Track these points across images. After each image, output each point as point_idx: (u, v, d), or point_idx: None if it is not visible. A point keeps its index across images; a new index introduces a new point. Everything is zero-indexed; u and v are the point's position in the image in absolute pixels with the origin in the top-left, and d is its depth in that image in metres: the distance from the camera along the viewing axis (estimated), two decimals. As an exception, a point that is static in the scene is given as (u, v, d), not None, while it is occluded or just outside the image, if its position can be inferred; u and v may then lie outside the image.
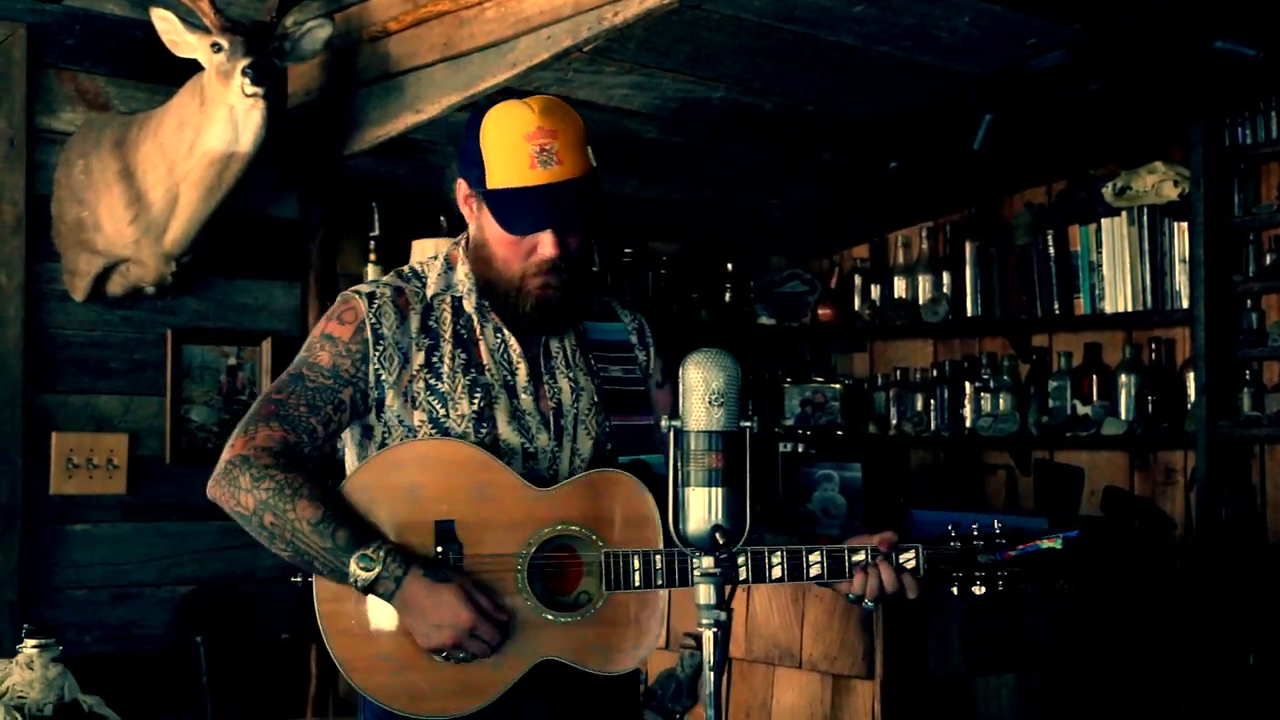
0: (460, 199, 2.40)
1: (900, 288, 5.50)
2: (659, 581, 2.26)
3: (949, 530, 2.35)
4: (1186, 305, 4.62)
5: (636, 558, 2.26)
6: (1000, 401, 5.11)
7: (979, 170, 4.90)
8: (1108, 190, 4.83)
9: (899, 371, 5.55)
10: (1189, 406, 4.67)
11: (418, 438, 2.33)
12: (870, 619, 3.26)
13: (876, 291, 5.57)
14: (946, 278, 5.36)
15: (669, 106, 4.01)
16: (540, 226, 2.29)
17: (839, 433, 5.51)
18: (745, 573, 2.27)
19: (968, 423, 5.25)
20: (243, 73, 3.64)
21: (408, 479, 2.28)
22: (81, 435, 4.17)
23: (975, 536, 2.34)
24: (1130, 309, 4.80)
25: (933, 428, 5.36)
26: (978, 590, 2.31)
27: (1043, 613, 3.57)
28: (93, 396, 4.21)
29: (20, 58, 4.04)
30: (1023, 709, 3.51)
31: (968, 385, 5.28)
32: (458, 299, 2.41)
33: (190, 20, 3.73)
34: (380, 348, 2.34)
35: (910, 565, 2.30)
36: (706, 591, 1.90)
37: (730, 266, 5.57)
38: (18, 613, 4.01)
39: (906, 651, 3.30)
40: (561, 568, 2.30)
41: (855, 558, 2.28)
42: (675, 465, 1.95)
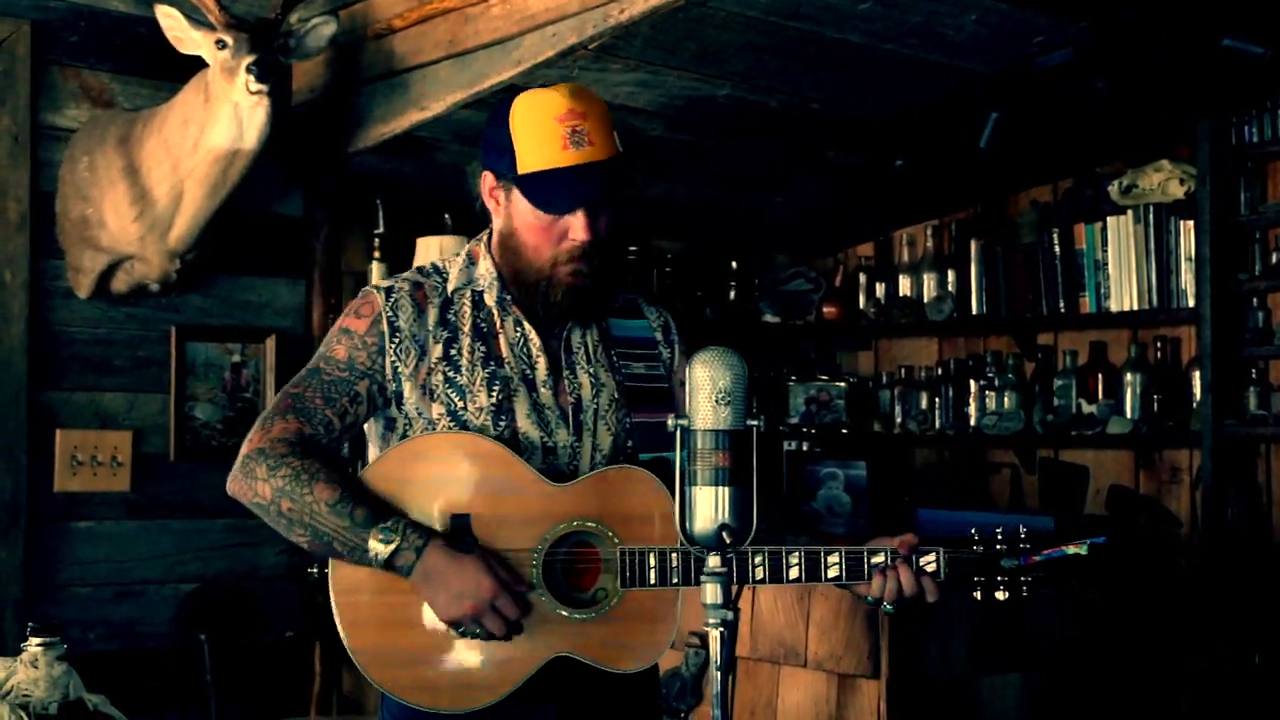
0: (486, 192, 2.40)
1: (905, 286, 5.49)
2: (675, 580, 2.25)
3: (971, 533, 2.31)
4: (1192, 304, 4.61)
5: (652, 555, 2.25)
6: (1005, 400, 5.10)
7: (984, 168, 4.89)
8: (1113, 188, 4.82)
9: (904, 370, 5.54)
10: (1194, 405, 4.65)
11: (437, 430, 2.32)
12: (876, 618, 3.25)
13: (881, 290, 5.56)
14: (951, 276, 5.34)
15: (674, 104, 4.00)
16: (576, 204, 2.29)
17: (844, 431, 5.51)
18: (762, 572, 2.25)
19: (972, 421, 5.23)
20: (247, 70, 3.64)
21: (424, 471, 2.28)
22: (85, 432, 4.17)
23: (999, 540, 2.30)
24: (1136, 307, 4.78)
25: (937, 426, 5.35)
26: (1000, 595, 2.28)
27: (1048, 612, 3.56)
28: (97, 394, 4.21)
29: (25, 54, 4.04)
30: (1028, 709, 3.50)
31: (973, 384, 5.27)
32: (479, 293, 2.41)
33: (195, 17, 3.73)
34: (396, 340, 2.34)
35: (931, 568, 2.27)
36: (713, 591, 1.89)
37: (735, 264, 5.56)
38: (22, 610, 4.01)
39: (912, 651, 3.30)
40: (578, 564, 2.29)
41: (874, 560, 2.26)
42: (682, 464, 1.94)
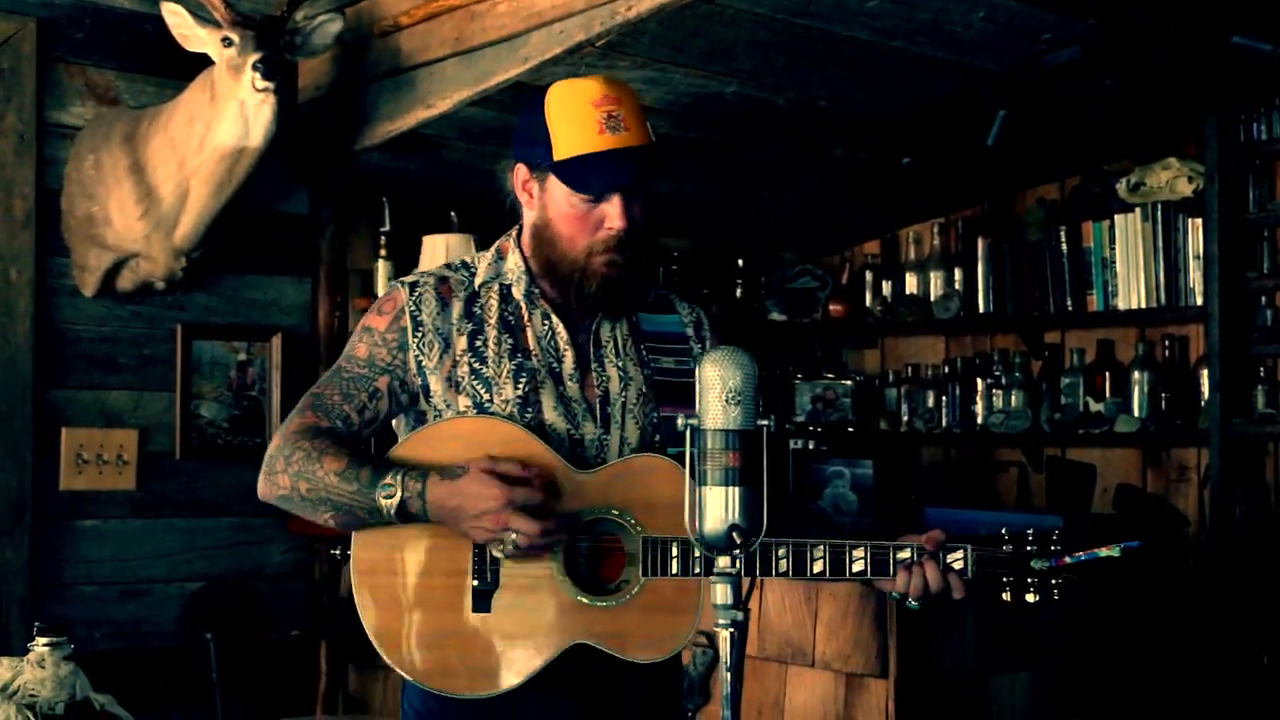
0: (518, 185, 2.39)
1: (912, 284, 5.47)
2: (697, 570, 2.22)
3: (1001, 531, 2.26)
4: (1200, 302, 4.59)
5: (675, 545, 2.23)
6: (1012, 398, 5.09)
7: (992, 166, 4.87)
8: (1121, 186, 4.80)
9: (910, 368, 5.52)
10: (1202, 404, 4.64)
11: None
12: (884, 617, 3.24)
13: (888, 288, 5.55)
14: (958, 274, 5.33)
15: (681, 101, 3.99)
16: (613, 186, 2.29)
17: (850, 429, 5.49)
18: (786, 565, 2.22)
19: (979, 419, 5.22)
20: (253, 67, 3.64)
21: (449, 454, 2.27)
22: (91, 431, 4.17)
23: (1030, 540, 2.25)
24: (1144, 305, 4.77)
25: (944, 424, 5.33)
26: (1030, 598, 2.22)
27: (1058, 610, 3.54)
28: (102, 392, 4.21)
29: (30, 52, 4.03)
30: (1037, 708, 3.49)
31: (979, 382, 5.25)
32: (506, 286, 2.40)
33: (201, 14, 3.72)
34: (419, 334, 2.34)
35: (958, 566, 2.24)
36: (723, 591, 1.87)
37: (741, 262, 5.55)
38: (27, 608, 4.01)
39: (920, 650, 3.28)
40: (601, 552, 2.28)
41: (900, 555, 2.23)
42: (692, 464, 1.93)
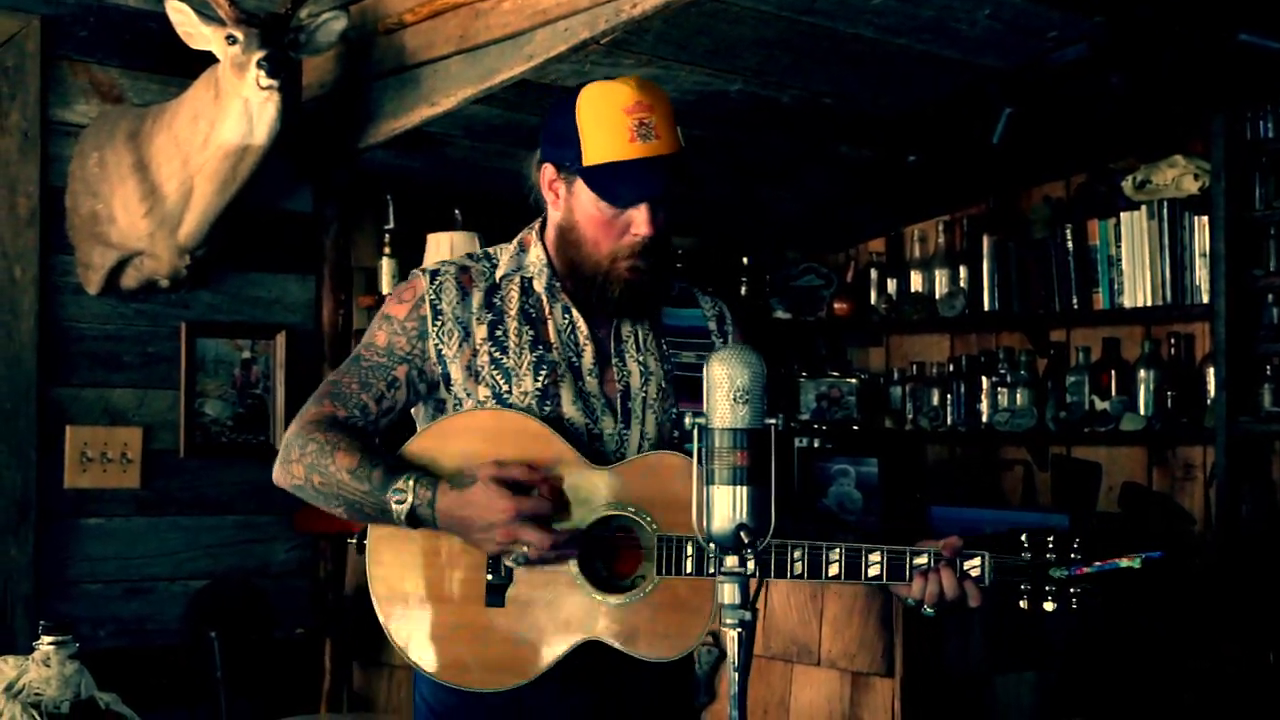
0: (545, 184, 2.38)
1: (917, 282, 5.46)
2: (712, 570, 2.19)
3: (1021, 538, 2.23)
4: (1206, 300, 4.58)
5: (690, 544, 2.22)
6: (1017, 396, 5.08)
7: (997, 164, 4.86)
8: (1127, 184, 4.79)
9: (915, 366, 5.52)
10: (1208, 402, 4.63)
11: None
12: (890, 616, 3.23)
13: (893, 286, 5.54)
14: (963, 272, 5.32)
15: (686, 99, 3.98)
16: (641, 197, 2.28)
17: (855, 428, 5.48)
18: (801, 567, 2.21)
19: (984, 418, 5.21)
20: (258, 65, 3.63)
21: (465, 447, 2.27)
22: (95, 429, 4.17)
23: (1049, 548, 2.22)
24: (1149, 304, 4.75)
25: (949, 423, 5.32)
26: (1048, 606, 2.20)
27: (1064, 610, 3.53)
28: (106, 390, 4.21)
29: (34, 50, 4.03)
30: (1043, 707, 3.48)
31: (985, 380, 5.24)
32: (528, 279, 2.39)
33: (205, 12, 3.72)
34: (439, 323, 2.34)
35: (975, 573, 2.22)
36: (731, 591, 1.87)
37: (746, 260, 5.54)
38: (32, 607, 4.01)
39: (926, 649, 3.28)
40: (616, 548, 2.28)
41: (917, 560, 2.21)
42: (700, 463, 1.92)
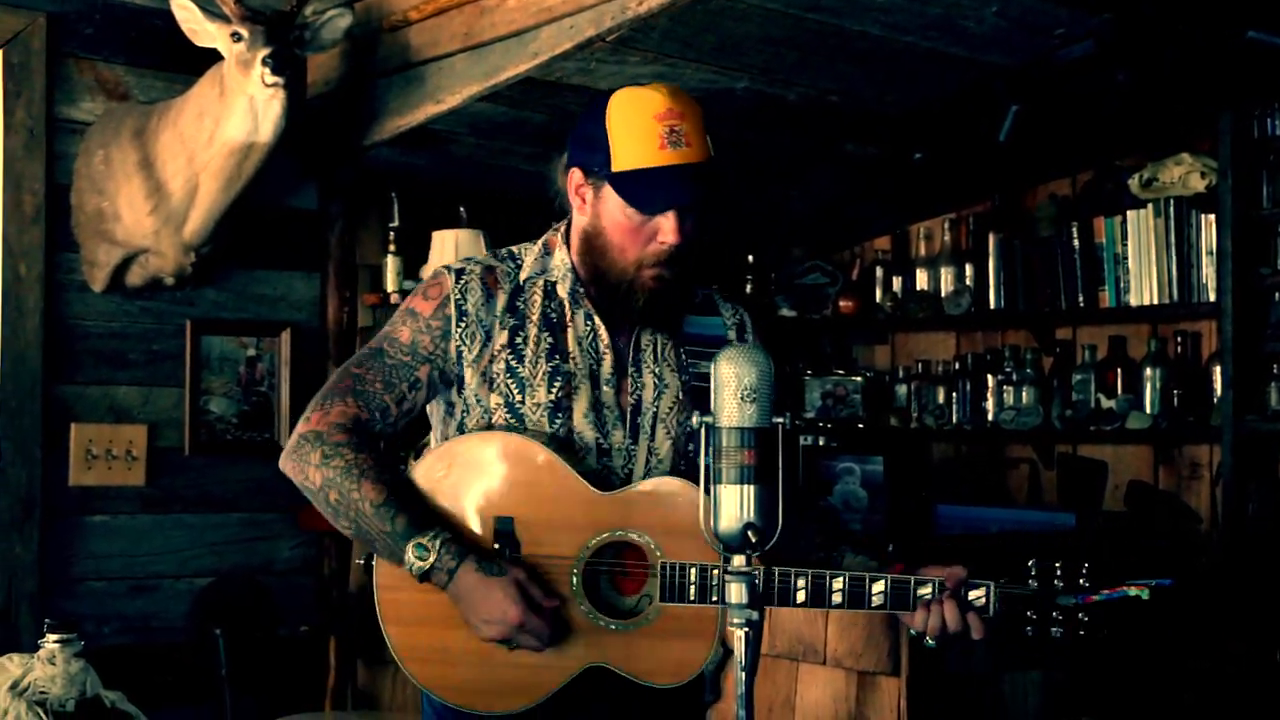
0: (571, 189, 2.37)
1: (922, 280, 5.45)
2: (714, 598, 2.21)
3: (1029, 565, 2.21)
4: (1213, 298, 4.57)
5: (694, 570, 2.22)
6: (1023, 395, 5.06)
7: (1003, 161, 4.85)
8: (1134, 182, 4.78)
9: (921, 364, 5.51)
10: (1215, 401, 4.62)
11: (493, 421, 2.31)
12: (895, 615, 3.21)
13: (898, 284, 5.52)
14: (969, 270, 5.30)
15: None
16: (669, 204, 2.27)
17: (860, 426, 5.48)
18: (804, 596, 2.21)
19: (990, 416, 5.20)
20: (263, 62, 3.63)
21: (473, 472, 2.27)
22: (100, 426, 4.17)
23: (1057, 575, 2.20)
24: (1156, 302, 4.74)
25: (955, 421, 5.31)
26: (1055, 632, 2.19)
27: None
28: (111, 388, 4.20)
29: (40, 47, 4.03)
30: (1049, 707, 3.47)
31: (990, 378, 5.23)
32: (551, 283, 2.38)
33: (210, 9, 3.72)
34: (463, 324, 2.33)
35: (980, 604, 2.21)
36: (738, 590, 1.86)
37: (751, 258, 5.53)
38: (37, 604, 4.01)
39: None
40: (619, 575, 2.28)
41: (921, 591, 2.21)
42: (707, 463, 1.92)
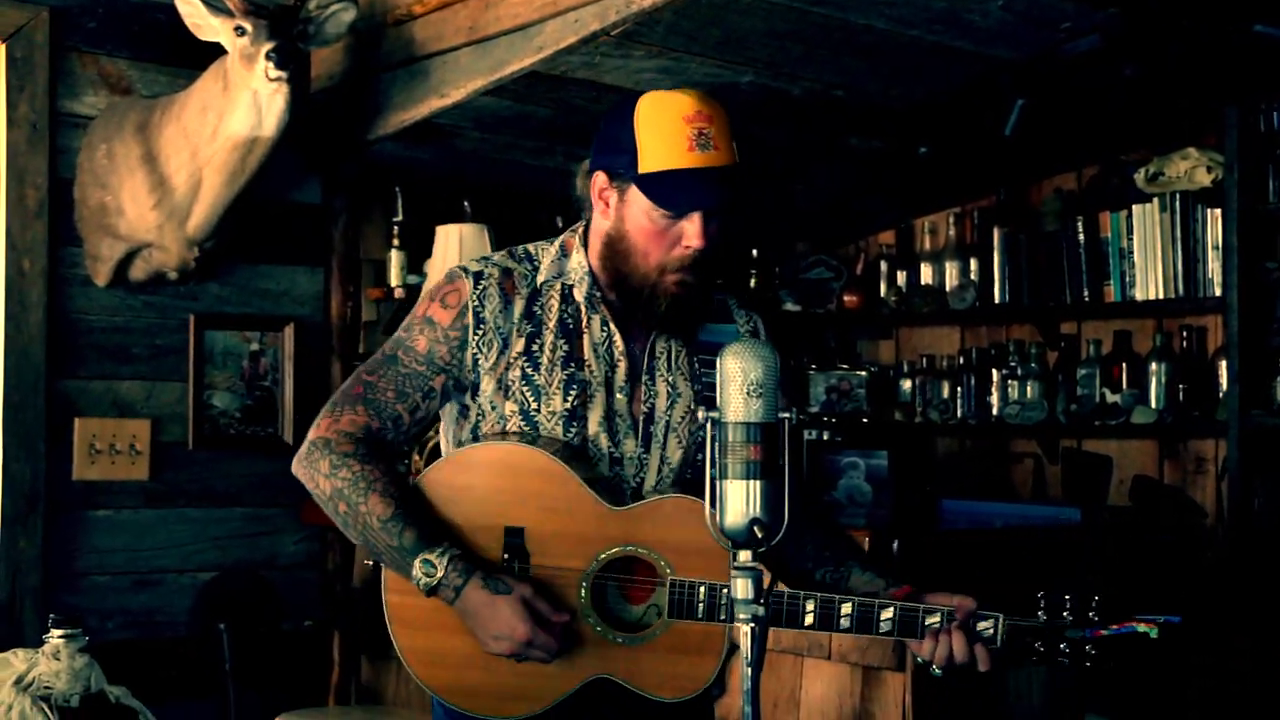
0: (595, 191, 2.34)
1: (927, 274, 5.44)
2: (723, 616, 2.21)
3: (1038, 597, 2.22)
4: (1219, 293, 4.55)
5: (703, 589, 2.22)
6: (1028, 389, 5.05)
7: (1008, 156, 4.84)
8: (1140, 176, 4.77)
9: (925, 359, 5.50)
10: (1220, 395, 4.61)
11: (507, 428, 2.31)
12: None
13: (903, 278, 5.51)
14: (974, 264, 5.30)
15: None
16: (696, 205, 2.26)
17: (864, 420, 5.47)
18: (812, 619, 2.21)
19: (995, 411, 5.19)
20: (266, 56, 3.62)
21: (484, 482, 2.27)
22: (104, 421, 4.16)
23: (1066, 608, 2.21)
24: (1161, 296, 4.73)
25: (959, 415, 5.30)
26: (1061, 662, 2.20)
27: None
28: (115, 382, 4.20)
29: (43, 41, 4.02)
30: (1054, 703, 3.47)
31: (995, 373, 5.22)
32: (568, 287, 2.37)
33: (214, 3, 3.71)
34: (480, 332, 2.31)
35: (988, 634, 2.22)
36: (744, 586, 1.85)
37: (755, 253, 5.52)
38: (40, 599, 4.01)
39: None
40: (627, 589, 2.28)
41: (929, 620, 2.21)
42: (713, 458, 1.91)
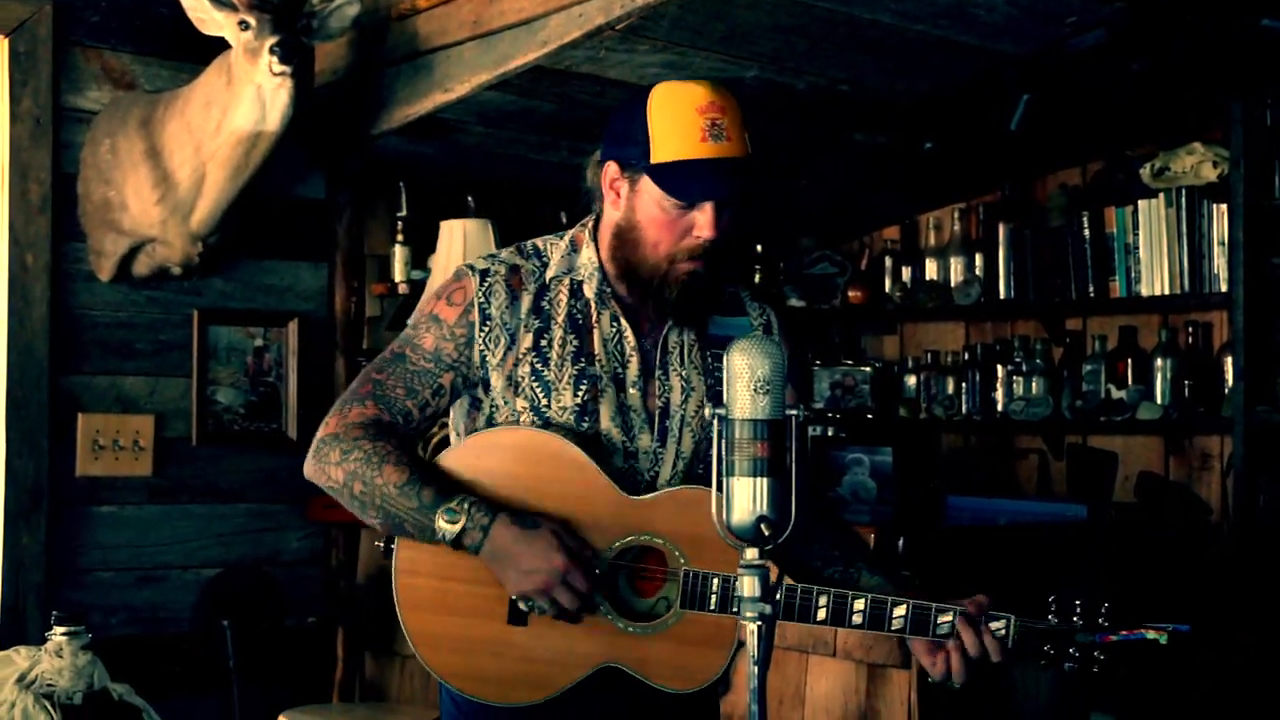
0: (606, 182, 2.33)
1: (932, 270, 5.43)
2: (736, 609, 2.19)
3: (1049, 600, 2.24)
4: (1224, 288, 4.54)
5: (716, 580, 2.21)
6: (1033, 385, 5.05)
7: (1014, 151, 4.83)
8: (1145, 171, 4.76)
9: (930, 354, 5.49)
10: (1226, 391, 4.59)
11: (520, 424, 2.30)
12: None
13: (908, 274, 5.50)
14: (979, 260, 5.28)
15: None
16: (707, 195, 2.24)
17: (869, 416, 5.46)
18: (825, 614, 2.20)
19: (1000, 406, 5.18)
20: (270, 51, 3.61)
21: (500, 466, 2.26)
22: (107, 416, 4.16)
23: (1077, 612, 2.22)
24: (1167, 292, 4.72)
25: (964, 411, 5.29)
26: (1068, 667, 2.21)
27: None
28: (119, 378, 4.20)
29: (46, 36, 4.02)
30: (1061, 700, 3.46)
31: (1000, 369, 5.21)
32: (578, 282, 2.35)
33: (217, -2, 3.70)
34: (487, 328, 2.30)
35: (1000, 635, 2.22)
36: (751, 584, 1.84)
37: (760, 248, 5.52)
38: (44, 595, 4.01)
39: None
40: (640, 578, 2.27)
41: (942, 618, 2.21)
42: (720, 455, 1.90)
